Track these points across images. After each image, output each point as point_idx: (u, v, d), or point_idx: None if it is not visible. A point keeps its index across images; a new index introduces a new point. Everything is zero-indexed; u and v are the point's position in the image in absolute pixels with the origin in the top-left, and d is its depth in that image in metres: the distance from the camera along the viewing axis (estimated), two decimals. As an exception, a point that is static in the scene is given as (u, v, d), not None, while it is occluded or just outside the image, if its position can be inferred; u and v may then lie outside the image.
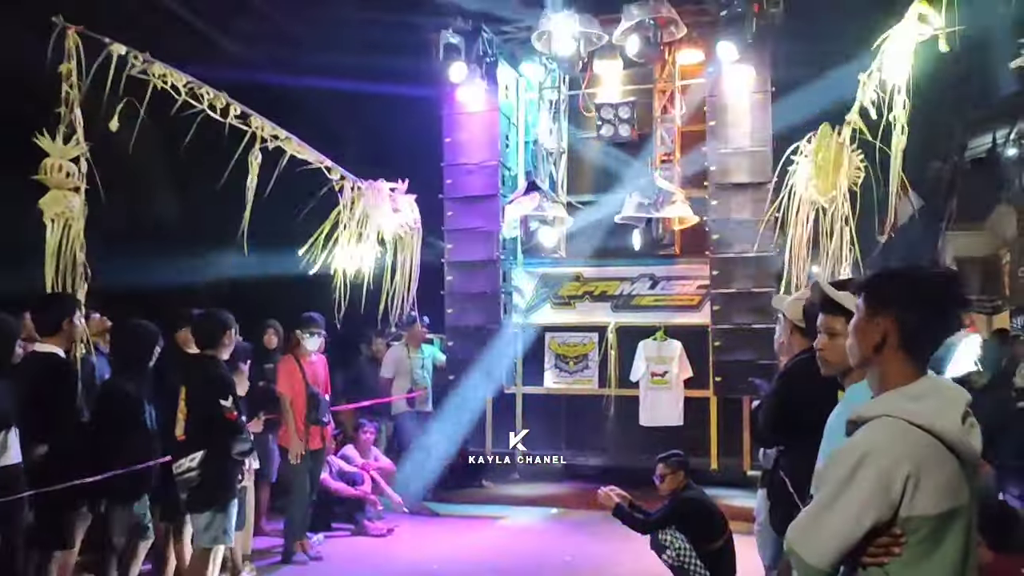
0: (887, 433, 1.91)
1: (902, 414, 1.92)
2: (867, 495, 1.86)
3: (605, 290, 9.20)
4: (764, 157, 8.01)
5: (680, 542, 5.01)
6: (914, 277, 2.07)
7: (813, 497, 2.03)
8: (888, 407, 1.95)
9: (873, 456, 1.88)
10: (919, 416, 1.91)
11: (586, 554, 6.90)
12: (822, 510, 1.93)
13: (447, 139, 9.08)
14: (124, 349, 5.28)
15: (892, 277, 2.10)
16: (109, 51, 5.03)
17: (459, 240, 9.00)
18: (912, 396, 1.96)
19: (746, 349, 7.95)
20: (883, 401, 1.99)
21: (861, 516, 1.87)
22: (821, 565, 1.90)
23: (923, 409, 1.92)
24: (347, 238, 7.14)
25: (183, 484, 4.84)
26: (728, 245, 8.21)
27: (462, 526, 7.96)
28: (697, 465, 7.47)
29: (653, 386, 8.66)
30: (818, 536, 1.91)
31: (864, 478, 1.87)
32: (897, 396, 1.98)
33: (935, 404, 1.94)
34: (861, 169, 6.54)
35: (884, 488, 1.86)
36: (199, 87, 5.64)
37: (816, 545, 1.91)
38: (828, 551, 1.89)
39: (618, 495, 5.30)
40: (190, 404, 4.88)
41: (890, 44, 4.97)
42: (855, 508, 1.87)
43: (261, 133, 6.15)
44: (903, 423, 1.91)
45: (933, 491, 1.87)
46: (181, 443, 4.87)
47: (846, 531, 1.88)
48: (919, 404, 1.93)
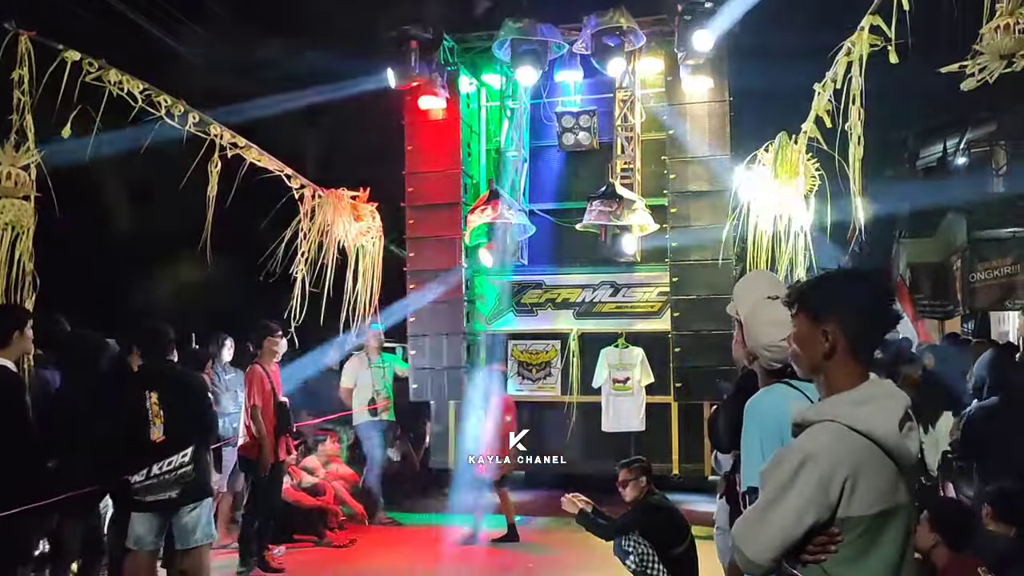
0: (828, 437, 1.99)
1: (844, 419, 2.00)
2: (807, 496, 1.95)
3: (567, 297, 9.23)
4: (723, 165, 8.11)
5: (643, 548, 5.02)
6: (846, 281, 2.16)
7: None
8: (831, 412, 2.03)
9: (814, 460, 1.96)
10: (859, 421, 1.99)
11: (549, 561, 6.91)
12: (765, 509, 2.01)
13: (408, 147, 9.05)
14: (76, 361, 5.19)
15: (827, 284, 2.18)
16: (63, 58, 4.95)
17: (420, 248, 8.97)
18: (856, 401, 2.03)
19: (706, 355, 8.03)
20: (827, 405, 2.07)
21: (802, 515, 1.95)
22: (761, 560, 1.99)
23: (864, 414, 2.00)
24: (307, 247, 7.10)
25: (176, 481, 4.84)
26: (688, 252, 8.29)
27: (424, 536, 7.91)
28: (659, 470, 7.52)
29: (615, 392, 8.70)
30: (761, 533, 1.99)
31: (805, 481, 1.95)
32: (841, 400, 2.05)
33: (875, 409, 2.01)
34: (817, 178, 6.66)
35: (824, 490, 1.94)
36: (156, 94, 5.56)
37: (758, 541, 1.99)
38: (769, 548, 1.98)
39: (581, 501, 5.31)
40: (166, 406, 4.88)
41: (843, 55, 5.07)
42: (796, 508, 1.95)
43: (220, 141, 6.09)
44: (843, 428, 1.99)
45: (869, 493, 1.96)
46: (160, 445, 4.84)
47: (787, 529, 1.96)
48: (861, 409, 2.01)
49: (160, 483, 4.82)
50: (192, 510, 4.95)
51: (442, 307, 8.87)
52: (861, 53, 4.75)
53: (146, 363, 5.22)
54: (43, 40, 4.87)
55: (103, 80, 5.18)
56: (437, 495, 9.28)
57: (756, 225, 6.25)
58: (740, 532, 2.05)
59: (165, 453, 4.84)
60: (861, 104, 4.83)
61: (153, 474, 4.82)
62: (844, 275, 2.19)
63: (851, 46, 4.90)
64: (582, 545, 6.17)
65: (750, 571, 2.06)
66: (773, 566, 2.01)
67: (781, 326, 2.71)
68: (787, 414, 2.56)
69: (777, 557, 1.99)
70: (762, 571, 2.02)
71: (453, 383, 8.82)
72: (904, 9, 4.22)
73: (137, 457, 4.86)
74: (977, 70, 3.87)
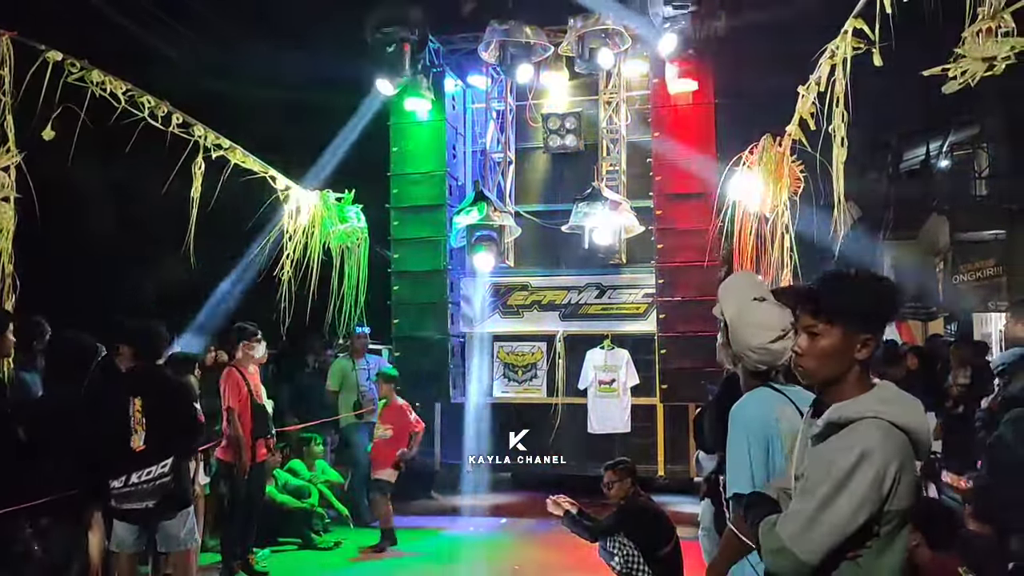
0: (880, 433, 2.00)
1: (886, 415, 2.01)
2: (863, 494, 1.95)
3: (553, 299, 9.24)
4: (708, 167, 8.14)
5: (628, 549, 5.03)
6: (877, 287, 2.13)
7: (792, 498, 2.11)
8: (873, 408, 2.04)
9: (870, 456, 1.96)
10: (900, 417, 2.02)
11: (535, 562, 6.90)
12: (818, 509, 1.98)
13: (394, 149, 9.05)
14: (60, 364, 5.12)
15: (874, 296, 2.12)
16: (45, 58, 4.90)
17: (406, 250, 8.95)
18: (886, 399, 2.06)
19: (692, 357, 8.05)
20: (863, 403, 2.06)
21: (858, 513, 1.95)
22: (814, 561, 1.97)
23: (901, 411, 2.03)
24: (292, 248, 7.07)
25: (156, 492, 4.74)
26: (673, 254, 8.31)
27: (410, 537, 7.88)
28: (644, 472, 7.53)
29: (601, 394, 8.72)
30: (815, 533, 1.97)
31: (862, 478, 1.95)
32: (872, 399, 2.06)
33: (908, 407, 2.06)
34: (801, 180, 6.69)
35: (879, 486, 1.95)
36: (140, 94, 5.52)
37: (812, 542, 1.97)
38: (823, 548, 1.97)
39: (567, 503, 5.31)
40: (149, 414, 4.78)
41: (827, 58, 5.10)
42: (854, 505, 1.95)
43: (204, 142, 6.05)
44: (886, 423, 2.00)
45: (908, 487, 2.00)
46: (140, 454, 4.76)
47: (842, 527, 1.96)
48: (896, 406, 2.04)
49: (138, 492, 4.73)
50: (173, 519, 4.87)
51: (428, 309, 8.86)
52: (845, 56, 4.78)
53: (136, 365, 5.11)
54: (24, 40, 4.82)
55: (86, 80, 5.13)
56: (423, 496, 9.27)
57: (741, 227, 6.28)
58: (792, 535, 2.00)
59: (144, 462, 4.73)
60: (845, 107, 4.85)
61: (131, 483, 4.72)
62: (883, 288, 2.13)
63: (835, 49, 4.93)
64: (568, 547, 6.17)
65: (796, 573, 2.00)
66: (820, 567, 1.99)
67: (768, 328, 2.71)
68: (773, 418, 2.57)
69: (826, 557, 1.98)
70: (809, 571, 1.99)
71: (438, 385, 8.81)
72: (887, 12, 4.24)
73: (115, 463, 4.79)
74: (959, 73, 3.90)
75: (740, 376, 2.88)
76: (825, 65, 5.07)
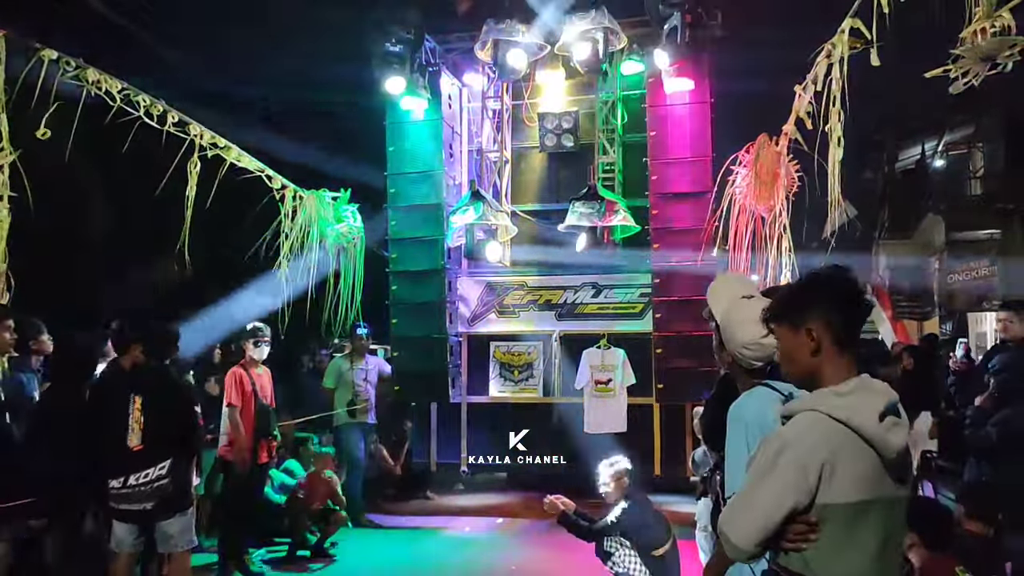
0: (806, 424, 2.05)
1: (823, 408, 2.06)
2: (786, 480, 2.00)
3: (549, 299, 9.23)
4: (704, 167, 8.13)
5: (625, 549, 5.03)
6: (812, 282, 2.22)
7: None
8: (813, 402, 2.09)
9: (791, 445, 2.02)
10: (838, 410, 2.04)
11: (532, 563, 6.90)
12: (747, 494, 2.07)
13: (390, 148, 9.02)
14: (64, 363, 5.11)
15: (795, 291, 2.26)
16: (40, 56, 4.89)
17: (403, 249, 8.94)
18: (838, 392, 2.09)
19: (688, 356, 8.04)
20: (810, 397, 2.14)
21: (782, 499, 2.00)
22: (745, 545, 2.03)
23: (842, 403, 2.05)
24: (289, 248, 7.06)
25: (152, 494, 4.74)
26: (670, 254, 8.30)
27: (406, 538, 7.88)
28: (641, 472, 7.53)
29: (597, 394, 8.71)
30: (744, 518, 2.04)
31: (784, 465, 2.01)
32: (824, 392, 2.11)
33: (855, 400, 2.06)
34: (797, 179, 6.70)
35: (802, 474, 1.99)
36: (135, 94, 5.51)
37: (741, 526, 2.04)
38: (752, 531, 2.03)
39: (563, 503, 5.30)
40: (148, 413, 4.77)
41: (824, 57, 5.11)
42: (776, 492, 2.01)
43: (200, 141, 6.04)
44: (821, 415, 2.05)
45: (848, 480, 2.00)
46: (138, 453, 4.74)
47: (767, 512, 2.01)
48: (841, 399, 2.06)
49: (136, 494, 4.73)
50: (170, 520, 4.86)
51: (425, 308, 8.84)
52: (841, 55, 4.79)
53: (140, 363, 5.07)
54: (19, 38, 4.81)
55: (81, 79, 5.12)
56: (419, 497, 9.26)
57: (738, 226, 6.28)
58: (725, 518, 2.10)
59: (142, 464, 4.72)
60: (841, 106, 4.86)
61: (129, 484, 4.71)
62: (809, 278, 2.24)
63: (831, 48, 4.93)
64: (564, 547, 6.16)
65: (736, 557, 2.11)
66: (757, 551, 2.05)
67: (758, 324, 2.72)
68: (770, 416, 2.57)
69: (760, 542, 2.03)
70: (746, 556, 2.07)
71: (436, 385, 8.80)
72: (884, 12, 4.25)
73: (113, 462, 4.78)
74: (961, 73, 3.91)
75: (736, 377, 2.88)
76: (822, 64, 5.08)
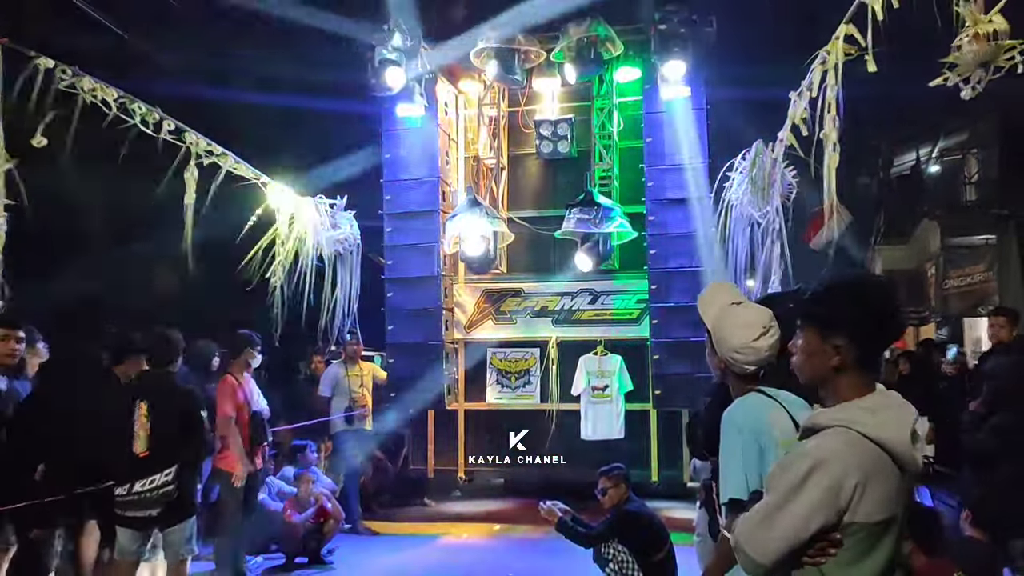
0: (841, 442, 1.98)
1: (856, 425, 1.99)
2: (816, 501, 1.93)
3: (546, 305, 9.23)
4: (700, 173, 8.15)
5: (622, 555, 5.03)
6: (858, 293, 2.11)
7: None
8: (844, 417, 2.02)
9: (825, 465, 1.95)
10: (873, 429, 1.98)
11: (529, 569, 6.89)
12: (773, 511, 1.99)
13: (386, 155, 9.02)
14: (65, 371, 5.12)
15: (834, 298, 2.12)
16: (36, 65, 4.89)
17: (399, 256, 8.93)
18: (867, 408, 2.02)
19: (684, 362, 8.04)
20: (839, 411, 2.05)
21: (810, 519, 1.94)
22: (766, 562, 1.98)
23: (877, 422, 1.99)
24: (284, 255, 7.06)
25: (158, 500, 4.73)
26: (666, 260, 8.31)
27: (403, 545, 7.87)
28: (638, 478, 7.53)
29: (594, 400, 8.71)
30: (767, 535, 1.98)
31: (815, 486, 1.93)
32: (852, 407, 2.04)
33: (888, 418, 2.01)
34: (794, 185, 6.72)
35: (834, 496, 1.93)
36: (131, 101, 5.51)
37: (764, 544, 1.98)
38: (775, 550, 1.97)
39: (560, 509, 5.30)
40: (154, 419, 4.76)
41: (819, 64, 5.12)
42: (805, 511, 1.94)
43: (196, 149, 6.04)
44: (855, 434, 1.98)
45: (875, 501, 1.95)
46: (143, 459, 4.74)
47: (794, 532, 1.95)
48: (873, 417, 2.00)
49: (141, 500, 4.72)
50: (174, 528, 4.86)
51: (421, 315, 8.84)
52: (836, 62, 4.80)
53: (146, 370, 5.07)
54: (15, 47, 4.81)
55: (77, 87, 5.12)
56: (416, 503, 9.25)
57: (733, 232, 6.30)
58: (744, 533, 2.03)
59: (148, 470, 4.72)
60: (836, 112, 4.87)
61: (135, 491, 4.71)
62: (851, 287, 2.14)
63: (826, 55, 4.95)
64: (561, 553, 6.15)
65: (753, 572, 2.04)
66: (776, 568, 2.00)
67: (749, 326, 2.74)
68: (764, 423, 2.57)
69: (782, 560, 1.98)
70: (764, 572, 2.00)
71: (432, 391, 8.79)
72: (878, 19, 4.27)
73: (118, 468, 4.77)
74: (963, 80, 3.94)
75: (729, 382, 2.89)
76: (817, 71, 5.10)
